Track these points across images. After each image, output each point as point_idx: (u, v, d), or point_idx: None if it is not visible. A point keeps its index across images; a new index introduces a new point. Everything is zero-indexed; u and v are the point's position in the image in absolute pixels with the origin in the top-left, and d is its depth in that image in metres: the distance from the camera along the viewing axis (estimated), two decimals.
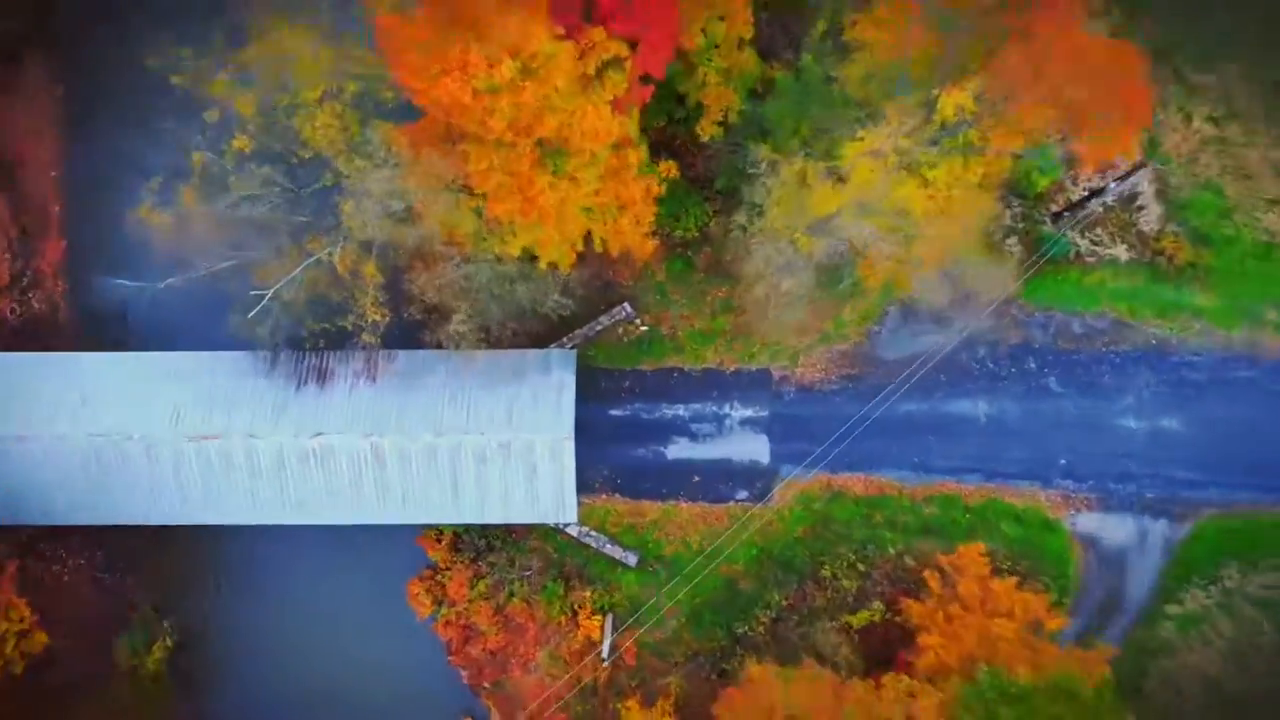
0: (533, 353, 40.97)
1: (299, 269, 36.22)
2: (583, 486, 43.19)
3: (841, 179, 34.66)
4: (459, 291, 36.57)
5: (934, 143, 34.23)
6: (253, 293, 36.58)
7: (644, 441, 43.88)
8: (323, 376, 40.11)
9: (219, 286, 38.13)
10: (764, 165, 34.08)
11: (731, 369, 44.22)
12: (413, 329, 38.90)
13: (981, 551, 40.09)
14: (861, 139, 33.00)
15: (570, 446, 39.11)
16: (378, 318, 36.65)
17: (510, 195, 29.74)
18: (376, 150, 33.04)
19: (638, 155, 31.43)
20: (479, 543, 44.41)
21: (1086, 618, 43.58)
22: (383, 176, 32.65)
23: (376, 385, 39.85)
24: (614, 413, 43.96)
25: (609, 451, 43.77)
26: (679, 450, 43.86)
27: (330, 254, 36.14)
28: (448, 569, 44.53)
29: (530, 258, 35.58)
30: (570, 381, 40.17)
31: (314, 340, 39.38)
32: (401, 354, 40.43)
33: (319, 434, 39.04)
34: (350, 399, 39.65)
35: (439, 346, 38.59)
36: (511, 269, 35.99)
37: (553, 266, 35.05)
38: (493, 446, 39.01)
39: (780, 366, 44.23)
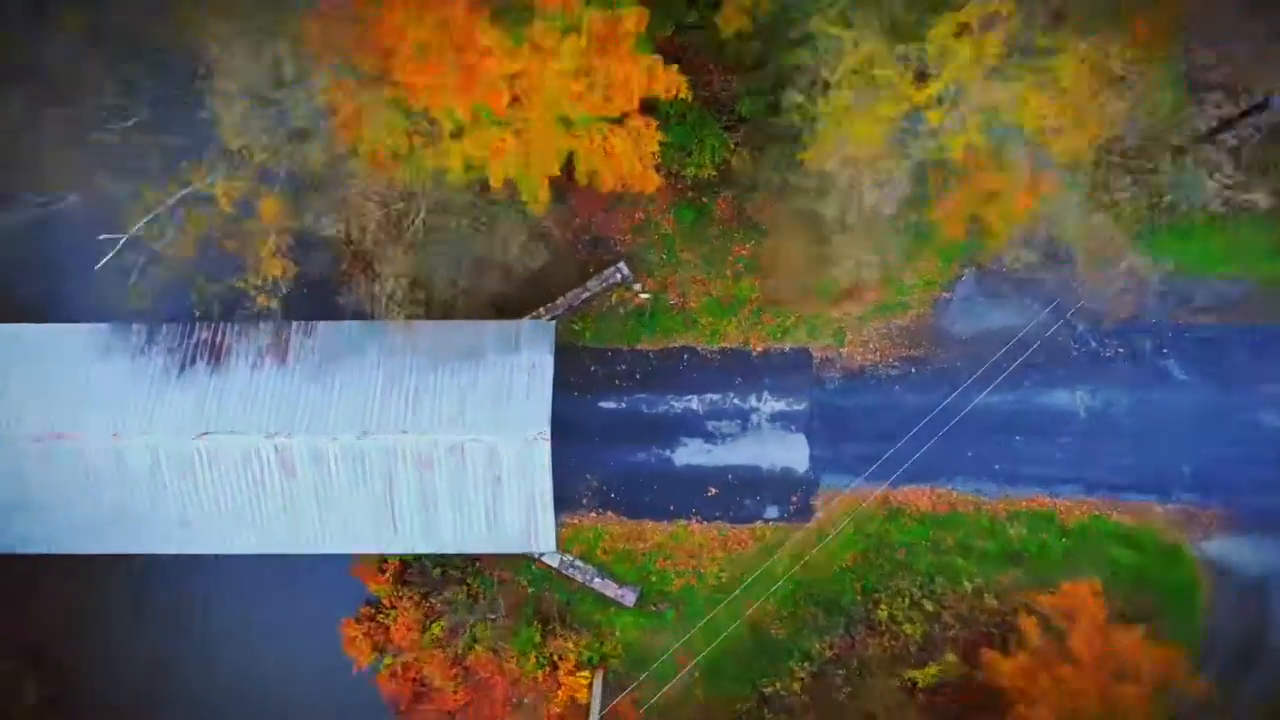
0: (496, 325, 30.82)
1: (166, 204, 26.11)
2: (564, 503, 33.10)
3: (924, 73, 24.55)
4: (388, 236, 26.48)
5: (1056, 20, 24.11)
6: (103, 237, 26.49)
7: (645, 443, 33.71)
8: (215, 355, 29.99)
9: (72, 229, 28.19)
10: (819, 43, 23.94)
11: (759, 349, 34.06)
12: (332, 292, 28.87)
13: (1096, 591, 30.03)
14: (960, 8, 22.86)
15: (545, 450, 29.01)
16: (277, 273, 26.58)
17: (439, 64, 19.59)
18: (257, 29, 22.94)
19: (636, 18, 21.28)
20: (432, 573, 34.34)
21: (1218, 669, 33.46)
22: (264, 68, 22.55)
23: (286, 367, 29.74)
24: (606, 405, 33.81)
25: (599, 456, 33.64)
26: (690, 455, 33.72)
27: (211, 184, 26.03)
28: (392, 607, 34.45)
29: (483, 187, 25.46)
30: (547, 364, 30.04)
31: (205, 307, 29.35)
32: (321, 326, 30.31)
33: (206, 432, 28.93)
34: (251, 385, 29.53)
35: (369, 315, 28.59)
36: (459, 200, 25.88)
37: (511, 193, 24.92)
38: (440, 450, 28.87)
39: (822, 345, 34.06)
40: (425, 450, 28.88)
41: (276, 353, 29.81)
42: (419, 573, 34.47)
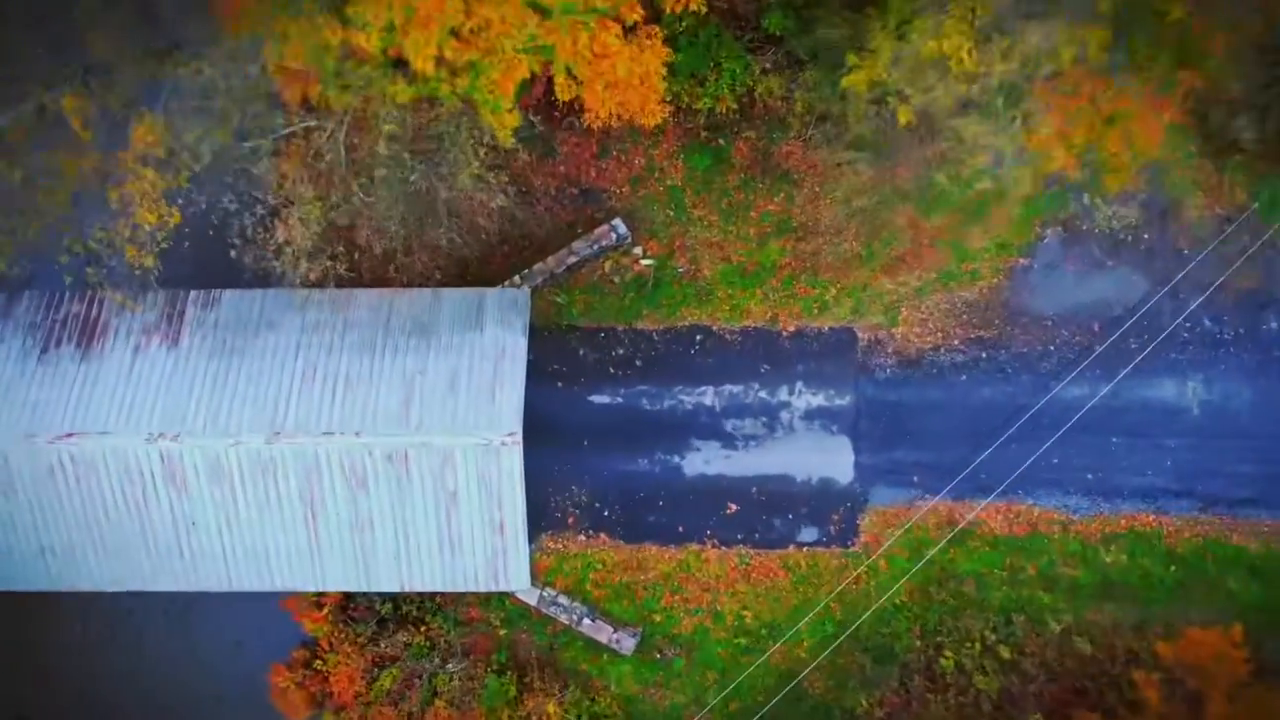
0: (454, 294, 23.87)
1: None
2: (545, 524, 26.27)
3: None
4: (305, 172, 19.55)
5: None
6: None
7: (648, 448, 26.80)
8: (88, 334, 23.08)
9: None
10: None
11: (790, 329, 27.08)
12: (227, 248, 21.98)
13: (1236, 640, 23.16)
14: None
15: (517, 457, 22.07)
16: (151, 221, 19.67)
17: None
18: None
19: None
20: (381, 609, 27.44)
21: None
22: None
23: (179, 349, 22.80)
24: (597, 400, 26.89)
25: (589, 465, 26.73)
26: (705, 462, 26.72)
27: (56, 100, 19.12)
28: (332, 650, 27.55)
29: (429, 97, 18.49)
30: (519, 345, 23.12)
31: (76, 272, 22.48)
32: (226, 296, 23.37)
33: (71, 433, 21.98)
34: (132, 373, 22.59)
35: (278, 280, 21.74)
36: (398, 124, 18.94)
37: (469, 108, 17.99)
38: (377, 458, 21.92)
39: (871, 324, 27.10)
40: (357, 458, 21.92)
41: (167, 331, 22.87)
42: (365, 608, 27.58)
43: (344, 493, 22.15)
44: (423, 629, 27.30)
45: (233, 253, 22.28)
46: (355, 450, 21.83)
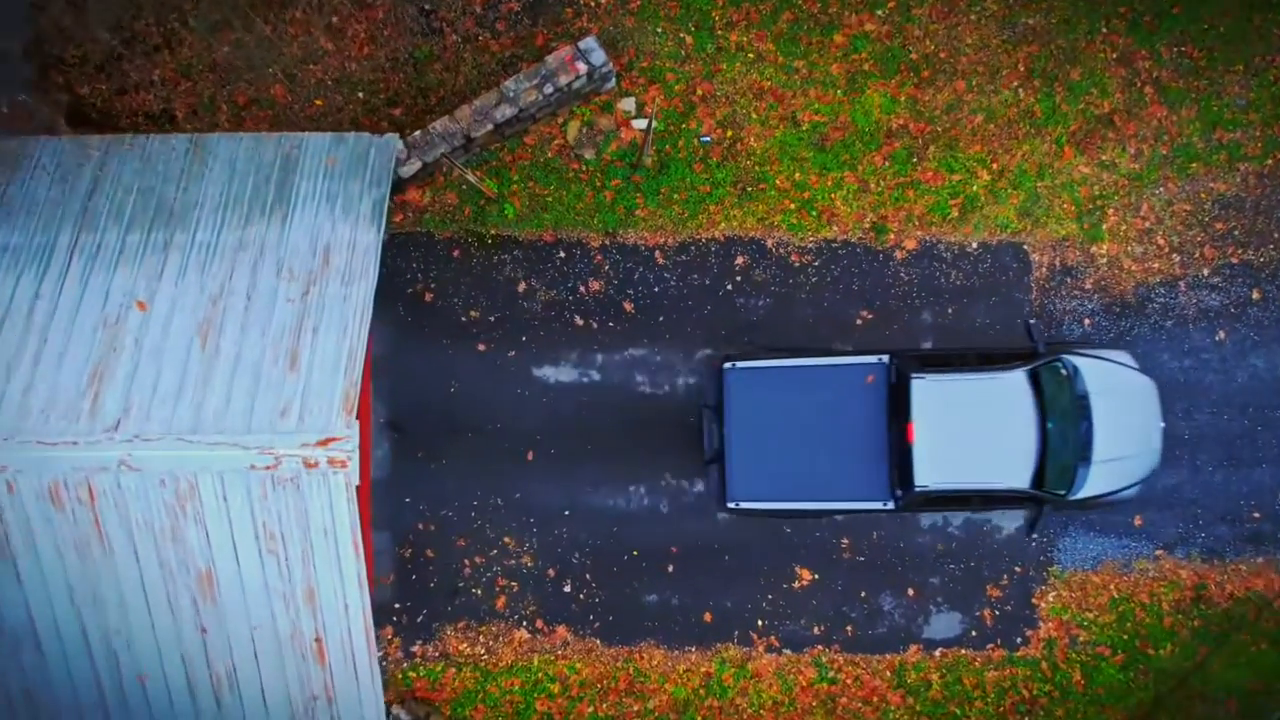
0: (223, 140, 11.54)
1: None
2: (439, 608, 13.96)
3: None
4: None
5: None
6: None
7: (646, 463, 14.48)
8: None
9: None
10: None
11: (909, 244, 14.70)
12: None
13: None
14: None
15: (345, 488, 9.66)
16: None
17: None
18: None
19: None
20: None
21: None
22: None
23: None
24: (552, 376, 14.53)
25: (538, 497, 14.37)
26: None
27: None
28: None
29: None
30: (365, 256, 10.70)
31: None
32: None
33: None
34: None
35: None
36: None
37: None
38: (25, 496, 9.52)
39: (1053, 237, 14.76)
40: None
41: None
42: None
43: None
44: None
45: None
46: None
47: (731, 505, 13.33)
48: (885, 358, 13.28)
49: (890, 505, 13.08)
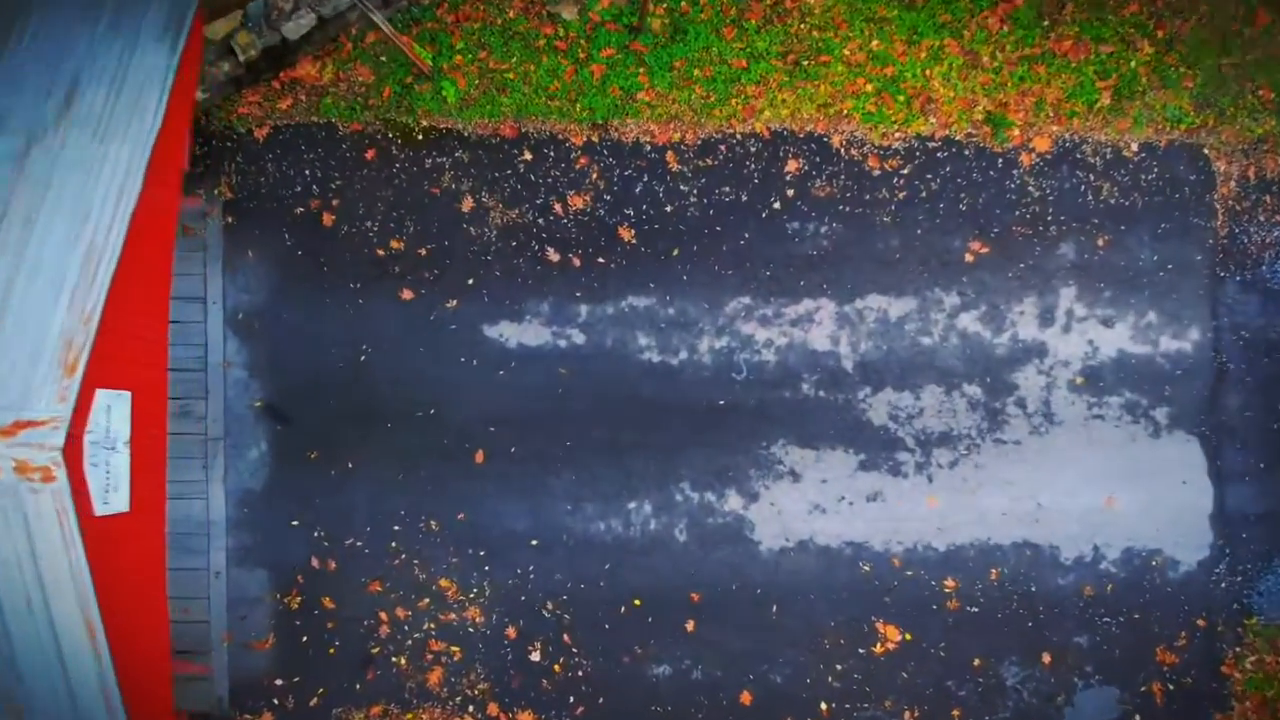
0: None
1: None
2: (333, 682, 9.14)
3: None
4: None
5: None
6: None
7: (649, 472, 9.77)
8: None
9: None
10: None
11: (1040, 146, 10.12)
12: None
13: None
14: None
15: (56, 508, 4.95)
16: None
17: None
18: None
19: None
20: None
21: None
22: None
23: None
24: (514, 337, 9.81)
25: (493, 519, 9.68)
26: (806, 513, 9.73)
27: None
28: None
29: None
30: (136, 151, 5.95)
31: None
32: None
33: None
34: None
35: None
36: None
37: None
38: None
39: (1246, 137, 10.24)
40: None
41: None
42: None
43: None
44: None
45: None
46: None
47: None
48: None
49: None
